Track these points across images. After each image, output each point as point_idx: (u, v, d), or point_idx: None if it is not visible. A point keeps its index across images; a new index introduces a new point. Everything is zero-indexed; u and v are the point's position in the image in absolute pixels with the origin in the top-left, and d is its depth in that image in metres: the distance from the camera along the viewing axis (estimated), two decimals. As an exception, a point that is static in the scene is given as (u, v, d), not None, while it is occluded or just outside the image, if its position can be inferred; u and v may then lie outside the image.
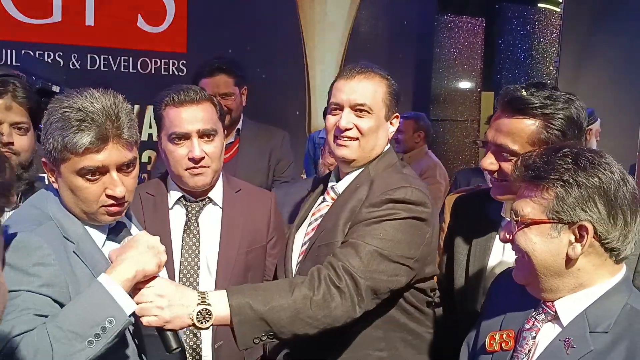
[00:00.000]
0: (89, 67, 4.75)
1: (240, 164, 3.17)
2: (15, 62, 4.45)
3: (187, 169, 2.04)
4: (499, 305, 1.58)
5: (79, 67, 4.71)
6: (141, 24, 4.86)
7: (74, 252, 1.52)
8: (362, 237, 1.80)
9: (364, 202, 1.89)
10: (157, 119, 2.09)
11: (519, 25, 6.53)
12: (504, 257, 1.96)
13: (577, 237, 1.37)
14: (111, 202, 1.55)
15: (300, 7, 5.57)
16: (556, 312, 1.43)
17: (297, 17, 5.55)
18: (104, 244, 1.62)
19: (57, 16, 4.64)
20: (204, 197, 2.13)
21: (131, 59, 4.88)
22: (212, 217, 2.14)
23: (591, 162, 1.37)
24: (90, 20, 4.73)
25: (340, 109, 1.97)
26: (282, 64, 5.45)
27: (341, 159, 2.00)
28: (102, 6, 4.72)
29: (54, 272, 1.44)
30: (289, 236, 2.12)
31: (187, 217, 2.11)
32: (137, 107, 4.48)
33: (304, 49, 5.61)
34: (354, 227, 1.86)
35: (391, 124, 2.04)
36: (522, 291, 1.50)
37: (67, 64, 4.63)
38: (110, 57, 4.82)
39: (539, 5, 6.67)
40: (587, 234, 1.35)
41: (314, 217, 2.05)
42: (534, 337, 1.44)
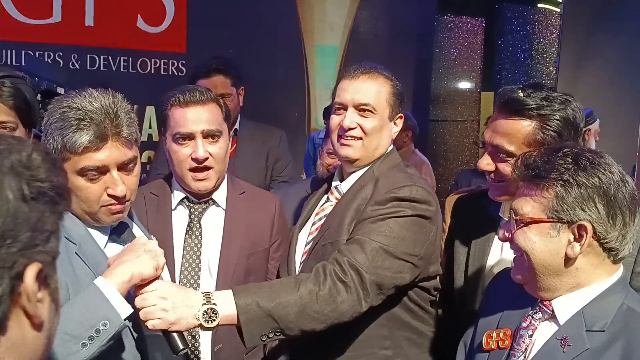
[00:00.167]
0: (88, 67, 4.76)
1: (237, 164, 3.16)
2: (15, 62, 4.46)
3: (190, 170, 2.03)
4: (496, 304, 1.59)
5: (78, 67, 4.72)
6: (141, 24, 4.87)
7: (76, 253, 1.51)
8: (368, 234, 1.81)
9: (369, 201, 1.90)
10: (163, 119, 2.08)
11: (519, 25, 6.53)
12: (502, 257, 1.96)
13: (576, 236, 1.37)
14: (112, 201, 1.55)
15: (299, 7, 5.57)
16: (553, 311, 1.43)
17: (296, 18, 5.55)
18: (106, 245, 1.62)
19: (57, 16, 4.65)
20: (207, 199, 2.12)
21: (131, 59, 4.89)
22: (214, 219, 2.12)
23: (591, 162, 1.38)
24: (90, 20, 4.74)
25: (344, 108, 1.98)
26: (282, 65, 5.45)
27: (344, 158, 2.01)
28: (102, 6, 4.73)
29: None
30: (291, 237, 2.12)
31: (189, 218, 2.10)
32: (135, 107, 4.49)
33: (303, 50, 5.61)
34: (359, 224, 1.86)
35: (395, 124, 2.05)
36: (520, 290, 1.50)
37: (67, 64, 4.64)
38: (109, 57, 4.83)
39: (539, 5, 6.68)
40: (586, 233, 1.35)
41: (318, 217, 2.05)
42: (531, 336, 1.44)
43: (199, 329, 2.01)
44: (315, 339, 1.77)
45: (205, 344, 2.04)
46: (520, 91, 1.81)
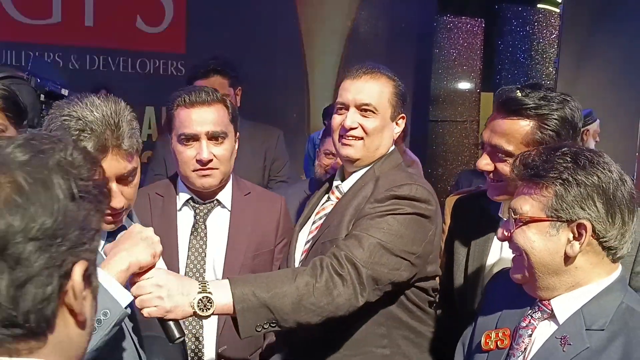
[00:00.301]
0: (88, 68, 4.76)
1: (235, 164, 3.15)
2: (15, 62, 4.46)
3: (194, 171, 2.03)
4: (495, 304, 1.59)
5: (78, 68, 4.72)
6: (140, 24, 4.87)
7: None
8: (366, 230, 1.81)
9: (368, 199, 1.90)
10: (168, 119, 2.07)
11: (519, 26, 6.53)
12: (502, 256, 1.96)
13: (576, 235, 1.37)
14: (109, 211, 1.52)
15: (299, 7, 5.57)
16: (552, 310, 1.43)
17: (296, 18, 5.55)
18: (103, 246, 1.62)
19: (56, 17, 4.65)
20: (212, 199, 2.12)
21: (130, 59, 4.89)
22: (220, 220, 2.12)
23: (590, 161, 1.38)
24: (89, 20, 4.74)
25: (345, 108, 1.98)
26: (281, 65, 5.45)
27: (345, 158, 2.01)
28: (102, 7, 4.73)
29: None
30: (292, 235, 2.12)
31: (195, 219, 2.09)
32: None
33: (303, 50, 5.61)
34: (358, 221, 1.87)
35: (397, 124, 2.06)
36: (518, 290, 1.50)
37: (66, 65, 4.65)
38: (109, 57, 4.83)
39: (538, 6, 6.67)
40: (586, 232, 1.35)
41: (318, 216, 2.06)
42: (530, 335, 1.44)
43: (202, 330, 2.02)
44: (313, 337, 1.76)
45: (209, 346, 2.03)
46: (518, 91, 1.82)
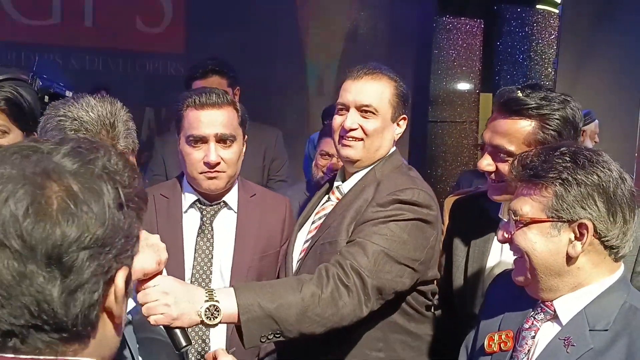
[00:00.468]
0: (87, 68, 4.76)
1: None
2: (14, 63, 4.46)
3: (201, 173, 2.02)
4: (497, 306, 1.58)
5: (77, 68, 4.72)
6: (140, 25, 4.86)
7: None
8: (369, 237, 1.80)
9: (370, 202, 1.89)
10: (177, 119, 2.06)
11: (518, 26, 6.52)
12: (502, 258, 1.96)
13: (577, 235, 1.36)
14: None
15: (299, 8, 5.57)
16: (555, 311, 1.43)
17: (296, 18, 5.55)
18: None
19: (56, 17, 4.65)
20: (219, 201, 2.11)
21: (130, 60, 4.88)
22: (226, 222, 2.11)
23: (589, 160, 1.37)
24: (89, 21, 4.74)
25: (346, 109, 1.98)
26: (281, 66, 5.45)
27: (345, 158, 2.01)
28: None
29: None
30: (291, 234, 2.12)
31: (201, 220, 2.08)
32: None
33: (302, 51, 5.61)
34: (360, 226, 1.86)
35: (398, 125, 2.04)
36: (520, 292, 1.49)
37: (66, 65, 4.64)
38: (109, 58, 4.82)
39: (538, 7, 6.67)
40: (587, 231, 1.35)
41: (318, 216, 2.05)
42: (534, 337, 1.44)
43: (209, 332, 2.00)
44: (309, 339, 1.75)
45: (217, 346, 2.00)
46: (519, 91, 1.82)
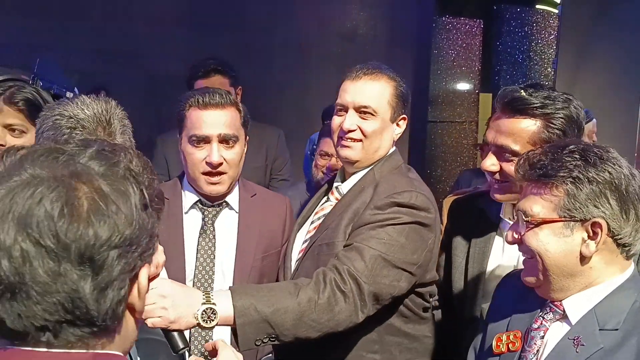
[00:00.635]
0: (87, 69, 4.75)
1: None
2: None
3: (203, 173, 2.01)
4: (505, 306, 1.57)
5: (77, 69, 4.71)
6: (140, 25, 4.86)
7: None
8: (367, 241, 1.79)
9: (368, 204, 1.88)
10: (179, 119, 2.05)
11: (517, 26, 6.52)
12: (503, 259, 1.95)
13: (590, 234, 1.35)
14: None
15: (298, 9, 5.57)
16: (564, 311, 1.41)
17: (295, 19, 5.55)
18: None
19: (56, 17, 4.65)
20: (220, 202, 2.11)
21: (129, 60, 4.88)
22: (228, 222, 2.11)
23: (600, 157, 1.35)
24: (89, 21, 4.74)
25: (344, 110, 1.96)
26: (281, 66, 5.45)
27: (344, 159, 2.00)
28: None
29: None
30: (291, 234, 2.12)
31: (203, 221, 2.08)
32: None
33: (302, 51, 5.60)
34: (358, 229, 1.85)
35: (398, 125, 2.03)
36: (528, 291, 1.48)
37: (65, 66, 4.64)
38: (108, 58, 4.82)
39: (537, 7, 6.67)
40: (601, 230, 1.33)
41: (317, 216, 2.05)
42: (542, 337, 1.42)
43: (212, 332, 1.99)
44: (305, 341, 1.75)
45: None
46: (522, 91, 1.81)
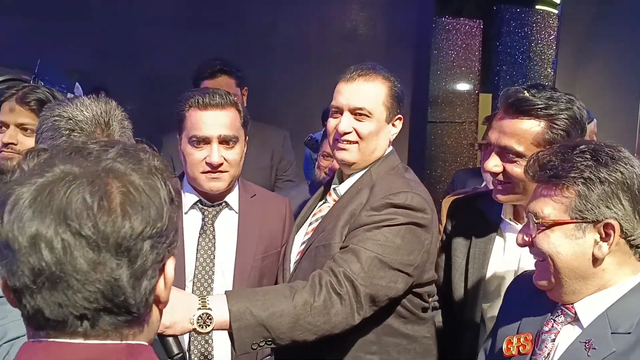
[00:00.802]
0: (86, 69, 4.75)
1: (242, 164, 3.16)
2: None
3: (203, 173, 2.01)
4: (515, 308, 1.55)
5: (76, 69, 4.71)
6: (140, 25, 4.86)
7: None
8: (363, 243, 1.79)
9: (364, 206, 1.87)
10: (179, 119, 2.05)
11: (517, 27, 6.53)
12: (503, 259, 1.95)
13: (603, 235, 1.33)
14: None
15: (298, 9, 5.57)
16: (576, 314, 1.39)
17: (295, 20, 5.55)
18: None
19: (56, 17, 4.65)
20: (220, 202, 2.11)
21: (130, 60, 4.87)
22: (228, 222, 2.11)
23: (611, 157, 1.33)
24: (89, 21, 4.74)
25: (340, 112, 1.96)
26: (281, 67, 5.44)
27: (341, 161, 2.00)
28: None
29: None
30: (290, 235, 2.12)
31: (203, 221, 2.07)
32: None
33: (302, 52, 5.60)
34: (354, 231, 1.84)
35: (393, 125, 2.02)
36: (539, 294, 1.46)
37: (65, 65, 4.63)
38: (108, 58, 4.82)
39: (537, 7, 6.69)
40: (614, 231, 1.31)
41: (315, 218, 2.04)
42: (554, 340, 1.40)
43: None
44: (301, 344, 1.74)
45: (220, 349, 2.00)
46: (525, 91, 1.80)
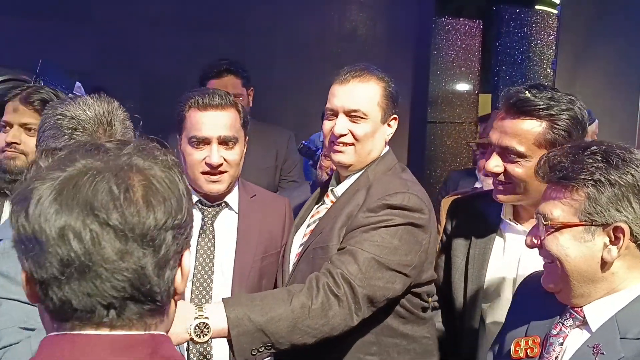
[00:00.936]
0: (86, 69, 4.74)
1: (246, 164, 3.11)
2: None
3: (203, 173, 2.01)
4: (525, 310, 1.53)
5: (76, 69, 4.70)
6: (140, 25, 4.85)
7: None
8: (360, 244, 1.79)
9: (361, 207, 1.87)
10: (179, 119, 2.05)
11: (516, 27, 6.53)
12: (503, 260, 1.95)
13: (612, 239, 1.31)
14: None
15: (298, 10, 5.56)
16: (584, 317, 1.37)
17: (295, 20, 5.54)
18: None
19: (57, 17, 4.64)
20: (220, 202, 2.10)
21: (130, 60, 4.86)
22: (227, 222, 2.10)
23: (623, 159, 1.31)
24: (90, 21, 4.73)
25: (334, 114, 1.95)
26: (280, 68, 5.44)
27: (338, 164, 1.99)
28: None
29: None
30: (289, 237, 2.11)
31: (202, 221, 2.07)
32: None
33: (301, 52, 5.60)
34: (351, 232, 1.84)
35: (389, 125, 2.01)
36: (548, 295, 1.44)
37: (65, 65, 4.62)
38: (108, 58, 4.80)
39: (536, 7, 6.70)
40: (624, 235, 1.29)
41: (313, 219, 2.04)
42: (561, 344, 1.38)
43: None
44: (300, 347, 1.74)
45: (220, 351, 1.99)
46: (527, 91, 1.80)
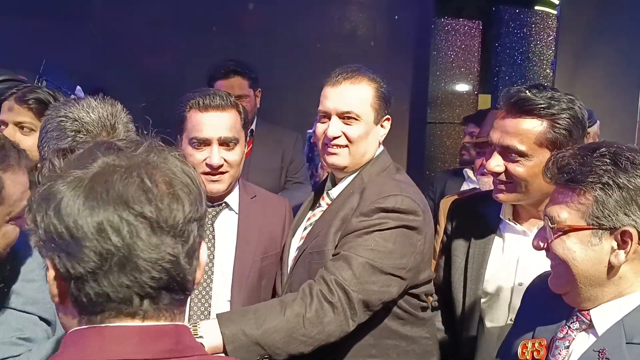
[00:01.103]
0: (86, 69, 4.73)
1: (253, 165, 3.16)
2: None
3: (203, 174, 2.00)
4: (533, 312, 1.52)
5: (76, 69, 4.69)
6: (141, 25, 4.84)
7: None
8: (354, 249, 1.78)
9: (355, 211, 1.86)
10: (180, 120, 2.05)
11: (516, 28, 6.54)
12: (503, 259, 1.95)
13: (620, 243, 1.29)
14: None
15: (298, 10, 5.57)
16: (591, 321, 1.36)
17: (295, 19, 5.54)
18: None
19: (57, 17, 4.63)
20: (220, 202, 2.10)
21: (130, 60, 4.85)
22: (228, 223, 2.10)
23: (632, 162, 1.29)
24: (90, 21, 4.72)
25: (327, 117, 1.94)
26: (280, 68, 5.44)
27: (332, 166, 1.99)
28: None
29: (38, 288, 1.41)
30: (287, 239, 2.11)
31: None
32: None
33: (301, 52, 5.60)
34: (345, 237, 1.84)
35: (382, 126, 2.00)
36: (556, 298, 1.43)
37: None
38: (108, 57, 4.80)
39: (536, 8, 6.70)
40: (631, 240, 1.27)
41: (309, 222, 2.04)
42: (567, 347, 1.37)
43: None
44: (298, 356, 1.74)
45: None
46: (527, 91, 1.80)
